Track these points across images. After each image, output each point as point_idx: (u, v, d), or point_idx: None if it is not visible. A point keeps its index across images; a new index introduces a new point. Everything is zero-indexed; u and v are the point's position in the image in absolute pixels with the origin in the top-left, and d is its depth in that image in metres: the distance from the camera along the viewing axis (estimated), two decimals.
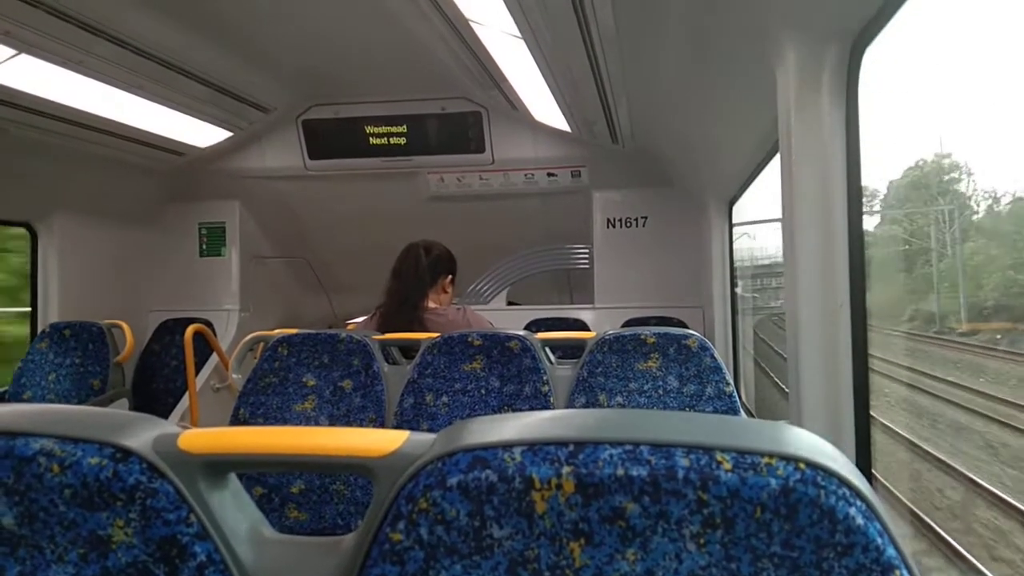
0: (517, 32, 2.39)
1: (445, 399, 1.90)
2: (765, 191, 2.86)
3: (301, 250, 4.88)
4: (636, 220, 4.26)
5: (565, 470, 0.49)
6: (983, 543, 5.22)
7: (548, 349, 2.03)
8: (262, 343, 2.43)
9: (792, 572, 0.47)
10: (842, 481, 0.48)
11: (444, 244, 2.58)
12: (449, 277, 2.54)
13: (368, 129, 3.94)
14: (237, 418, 1.92)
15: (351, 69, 3.45)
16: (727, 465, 0.48)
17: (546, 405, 1.87)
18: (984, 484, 5.94)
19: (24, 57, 2.51)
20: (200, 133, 3.69)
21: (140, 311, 4.24)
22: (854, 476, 0.49)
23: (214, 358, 3.97)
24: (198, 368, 3.77)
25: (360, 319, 2.70)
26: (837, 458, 0.50)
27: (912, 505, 5.73)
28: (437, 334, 1.99)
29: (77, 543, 0.57)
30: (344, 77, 3.57)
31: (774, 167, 2.19)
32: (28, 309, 3.70)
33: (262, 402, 1.92)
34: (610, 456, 0.49)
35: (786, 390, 1.68)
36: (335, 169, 4.10)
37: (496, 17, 2.31)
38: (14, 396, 3.20)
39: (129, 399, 3.47)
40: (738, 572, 0.48)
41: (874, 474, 1.64)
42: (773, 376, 8.88)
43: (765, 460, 0.48)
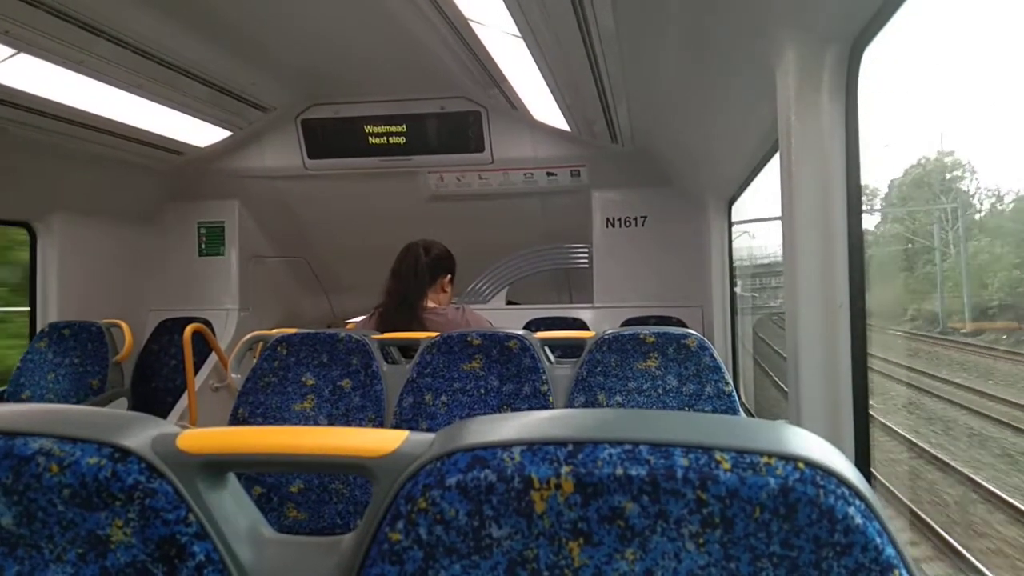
0: (517, 31, 2.39)
1: (444, 398, 1.90)
2: (765, 190, 2.86)
3: (300, 250, 4.88)
4: (635, 219, 4.27)
5: (564, 470, 0.49)
6: (1011, 564, 4.91)
7: (547, 348, 2.03)
8: (261, 342, 2.43)
9: (791, 571, 0.47)
10: (841, 480, 0.48)
11: (443, 243, 2.58)
12: (448, 276, 2.54)
13: (367, 129, 3.93)
14: (236, 417, 1.92)
15: (350, 69, 3.45)
16: (726, 465, 0.48)
17: (545, 404, 1.87)
18: (1005, 497, 5.63)
19: (24, 56, 2.51)
20: (199, 132, 3.69)
21: (139, 310, 4.24)
22: (853, 475, 0.49)
23: (213, 357, 3.97)
24: (197, 367, 3.77)
25: (359, 318, 2.70)
26: (836, 458, 0.50)
27: (938, 526, 5.36)
28: (436, 333, 1.99)
29: (76, 543, 0.57)
30: (343, 77, 3.57)
31: (773, 166, 2.19)
32: (27, 308, 3.70)
33: (261, 401, 1.92)
34: (609, 456, 0.49)
35: (785, 389, 1.68)
36: (334, 169, 4.10)
37: (496, 16, 2.31)
38: (13, 396, 3.20)
39: (128, 399, 3.47)
40: (737, 572, 0.48)
41: (874, 474, 1.64)
42: (773, 375, 8.84)
43: (764, 460, 0.48)
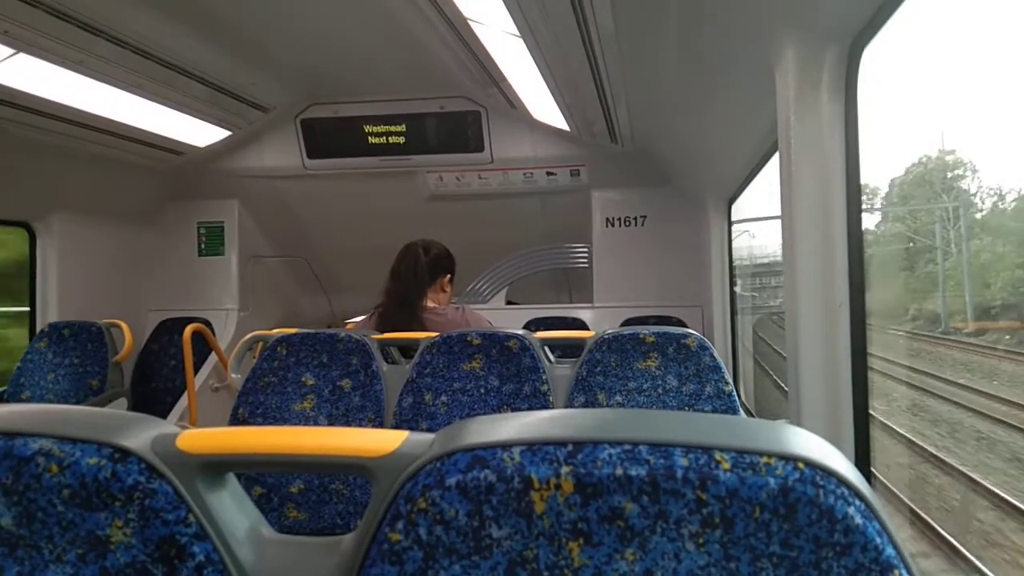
0: (516, 31, 2.39)
1: (444, 398, 1.90)
2: (766, 188, 2.86)
3: (300, 249, 4.88)
4: (635, 219, 4.27)
5: (564, 470, 0.49)
6: None
7: (547, 348, 2.03)
8: (261, 342, 2.43)
9: (791, 572, 0.47)
10: (841, 480, 0.48)
11: (443, 243, 2.58)
12: (448, 276, 2.54)
13: (367, 128, 3.93)
14: (236, 418, 1.92)
15: (350, 68, 3.45)
16: (726, 465, 0.48)
17: (545, 404, 1.87)
18: (1018, 504, 5.34)
19: (23, 56, 2.50)
20: (199, 132, 3.69)
21: (139, 310, 4.24)
22: (853, 475, 0.49)
23: (213, 358, 3.97)
24: (197, 368, 3.77)
25: (359, 318, 2.70)
26: (836, 457, 0.50)
27: (949, 534, 5.03)
28: (436, 333, 1.99)
29: (76, 543, 0.57)
30: (343, 76, 3.57)
31: (773, 166, 2.19)
32: (27, 309, 3.70)
33: (261, 402, 1.92)
34: (609, 456, 0.49)
35: (786, 389, 1.68)
36: (334, 168, 4.10)
37: (495, 16, 2.31)
38: (13, 396, 3.20)
39: (128, 399, 3.47)
40: (737, 572, 0.48)
41: (875, 474, 1.65)
42: (773, 375, 8.79)
43: (764, 460, 0.48)
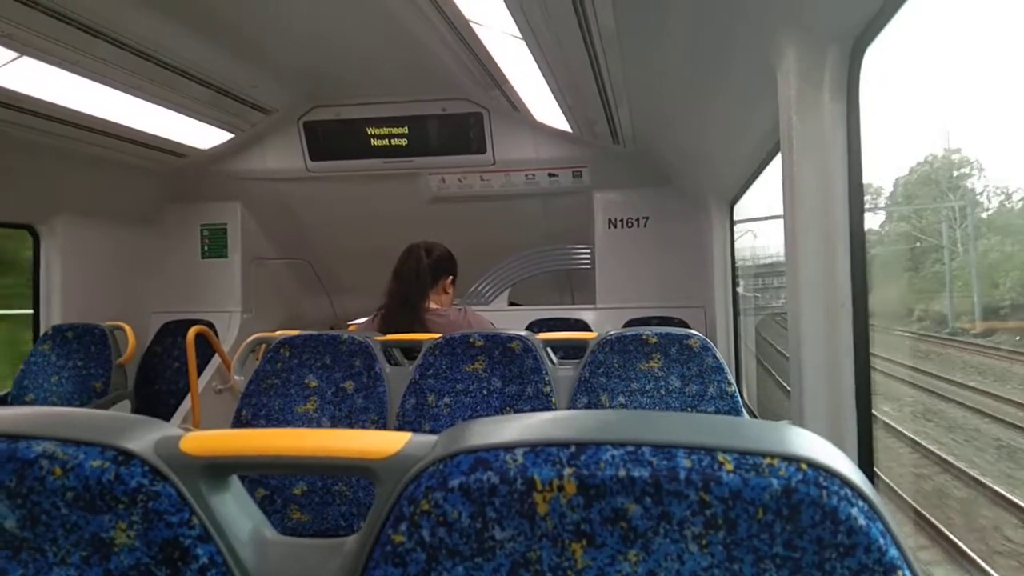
0: (518, 33, 2.39)
1: (447, 400, 1.90)
2: (768, 188, 2.85)
3: (303, 251, 4.89)
4: (637, 220, 4.26)
5: (567, 471, 0.49)
6: None
7: (550, 349, 2.03)
8: (264, 344, 2.43)
9: (794, 573, 0.47)
10: (844, 482, 0.48)
11: (445, 245, 2.58)
12: (450, 278, 2.54)
13: (369, 130, 3.94)
14: (239, 419, 1.92)
15: (352, 71, 3.46)
16: (729, 466, 0.48)
17: (548, 406, 1.87)
18: None
19: (25, 60, 2.51)
20: (201, 135, 3.69)
21: (142, 313, 4.25)
22: (856, 476, 0.49)
23: (216, 360, 3.98)
24: (200, 370, 3.77)
25: (361, 320, 2.70)
26: (839, 458, 0.50)
27: (978, 556, 4.72)
28: (439, 335, 1.99)
29: (79, 546, 0.57)
30: (345, 78, 3.57)
31: (775, 167, 2.19)
32: (31, 311, 3.71)
33: (264, 403, 1.92)
34: (612, 457, 0.49)
35: (788, 389, 1.68)
36: (336, 170, 4.11)
37: (497, 18, 2.31)
38: (16, 398, 3.20)
39: (131, 401, 3.48)
40: (740, 573, 0.48)
41: (877, 473, 1.64)
42: (776, 376, 8.73)
43: (767, 461, 0.48)
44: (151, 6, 2.52)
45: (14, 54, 2.46)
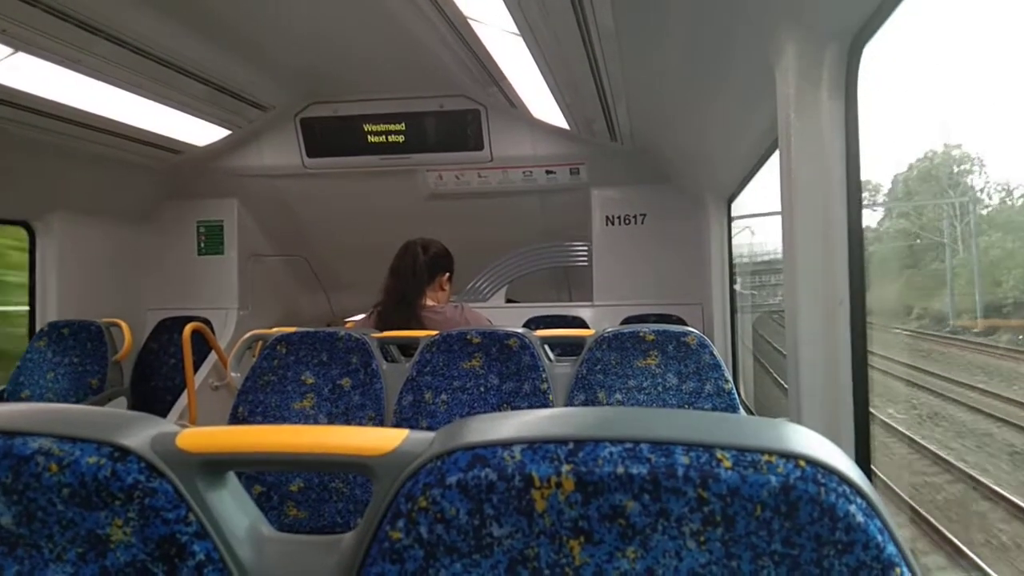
0: (515, 30, 2.39)
1: (444, 397, 1.90)
2: (766, 185, 2.85)
3: (299, 248, 4.88)
4: (635, 217, 4.26)
5: (565, 468, 0.49)
6: None
7: (547, 347, 2.03)
8: (261, 341, 2.43)
9: (792, 570, 0.47)
10: (842, 478, 0.48)
11: (443, 242, 2.58)
12: (446, 275, 2.54)
13: (367, 127, 3.93)
14: (236, 416, 1.92)
15: (349, 67, 3.45)
16: (727, 463, 0.48)
17: (545, 403, 1.87)
18: None
19: (22, 55, 2.50)
20: (198, 131, 3.68)
21: (138, 309, 4.24)
22: (854, 473, 0.49)
23: (212, 356, 3.97)
24: (196, 366, 3.77)
25: (358, 317, 2.70)
26: (837, 455, 0.50)
27: None
28: (436, 332, 1.99)
29: (76, 542, 0.57)
30: (342, 75, 3.56)
31: (773, 164, 2.18)
32: (27, 308, 3.70)
33: (261, 400, 1.92)
34: (610, 454, 0.49)
35: (785, 386, 1.68)
36: (334, 167, 4.10)
37: (495, 15, 2.30)
38: (12, 395, 3.20)
39: (127, 398, 3.47)
40: (738, 570, 0.48)
41: (874, 470, 1.65)
42: (773, 373, 8.69)
43: (765, 458, 0.48)
44: (150, 4, 2.51)
45: (10, 50, 2.45)
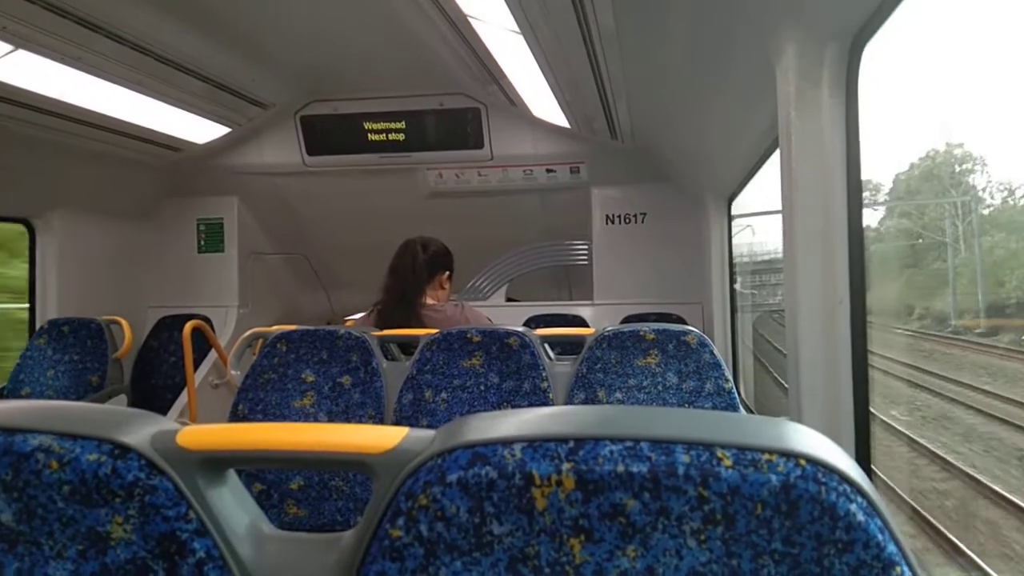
0: (516, 28, 2.39)
1: (444, 395, 1.90)
2: (766, 185, 2.85)
3: (299, 246, 4.88)
4: (635, 216, 4.26)
5: (565, 466, 0.49)
6: None
7: (547, 345, 2.03)
8: (261, 339, 2.42)
9: (793, 569, 0.47)
10: (843, 477, 0.48)
11: (443, 240, 2.58)
12: (446, 273, 2.54)
13: (367, 125, 3.93)
14: (236, 414, 1.92)
15: (350, 65, 3.45)
16: (727, 461, 0.48)
17: (545, 401, 1.87)
18: None
19: (21, 53, 2.50)
20: (198, 129, 3.68)
21: (138, 307, 4.24)
22: (855, 472, 0.49)
23: (213, 354, 3.97)
24: (197, 364, 3.77)
25: (358, 315, 2.70)
26: (837, 454, 0.50)
27: None
28: (436, 330, 1.99)
29: (76, 540, 0.57)
30: (343, 73, 3.56)
31: (774, 163, 2.18)
32: (27, 306, 3.70)
33: (261, 398, 1.92)
34: (610, 452, 0.49)
35: (786, 386, 1.69)
36: (334, 165, 4.10)
37: (495, 13, 2.30)
38: (12, 392, 3.20)
39: (127, 395, 3.47)
40: (739, 569, 0.48)
41: (874, 470, 1.65)
42: (773, 372, 8.65)
43: (765, 456, 0.48)
44: (149, 1, 2.51)
45: (10, 47, 2.45)
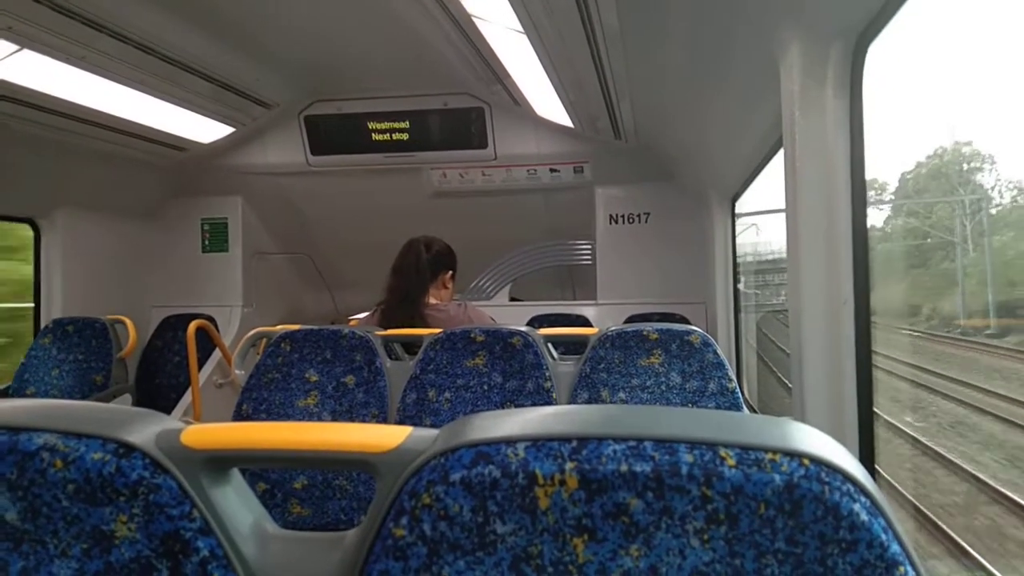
0: (520, 28, 2.38)
1: (448, 395, 1.90)
2: (772, 183, 2.85)
3: (303, 246, 4.89)
4: (639, 216, 4.26)
5: (568, 466, 0.49)
6: None
7: (550, 345, 2.03)
8: (265, 339, 2.43)
9: (796, 568, 0.47)
10: (846, 477, 0.48)
11: (446, 240, 2.58)
12: (449, 273, 2.54)
13: (371, 125, 3.93)
14: (240, 414, 1.93)
15: (353, 65, 3.45)
16: (731, 461, 0.48)
17: (548, 401, 1.87)
18: None
19: (27, 53, 2.51)
20: (202, 129, 3.69)
21: (143, 307, 4.25)
22: (858, 472, 0.48)
23: (217, 354, 3.98)
24: (201, 364, 3.78)
25: (362, 315, 2.70)
26: (841, 454, 0.50)
27: None
28: (439, 330, 1.99)
29: (80, 538, 0.57)
30: (346, 73, 3.57)
31: (778, 162, 2.18)
32: (31, 305, 3.71)
33: (265, 398, 1.92)
34: (614, 452, 0.49)
35: (789, 386, 1.68)
36: (337, 165, 4.10)
37: (499, 12, 2.30)
38: (17, 392, 3.21)
39: (132, 395, 3.48)
40: (742, 568, 0.48)
41: (878, 470, 1.64)
42: (777, 372, 8.60)
43: (769, 456, 0.48)
44: (155, 1, 2.52)
45: (15, 47, 2.46)
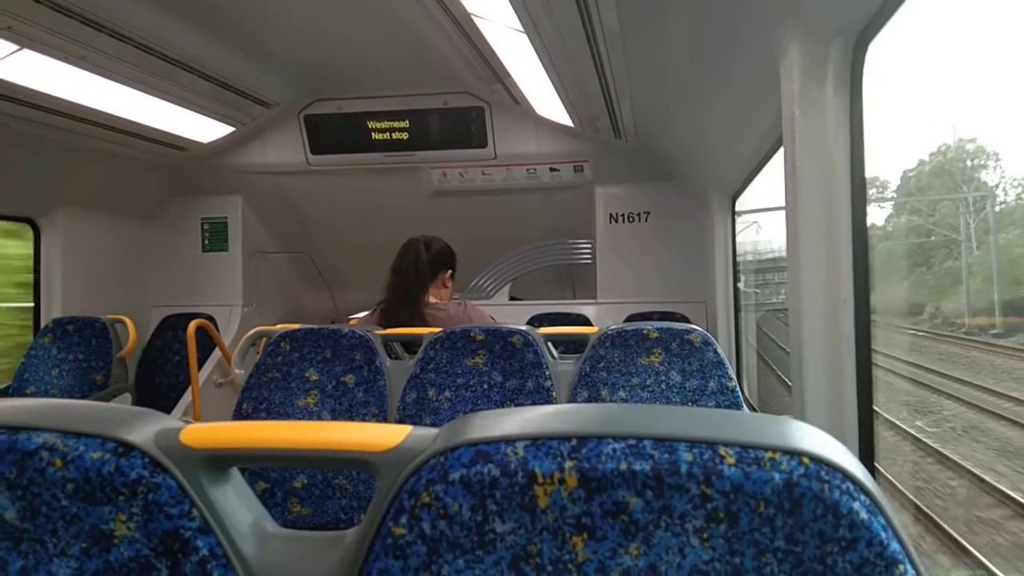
0: (520, 27, 2.38)
1: (448, 394, 1.90)
2: (772, 182, 2.84)
3: (303, 245, 4.89)
4: (639, 215, 4.26)
5: (568, 464, 0.49)
6: None
7: (550, 344, 2.03)
8: (265, 338, 2.43)
9: (796, 567, 0.47)
10: (846, 475, 0.48)
11: (446, 239, 2.58)
12: (449, 272, 2.54)
13: (370, 124, 3.93)
14: (240, 413, 1.93)
15: (353, 64, 3.45)
16: (730, 459, 0.48)
17: (548, 400, 1.87)
18: None
19: (26, 52, 2.51)
20: (202, 128, 3.69)
21: (142, 306, 4.25)
22: (858, 470, 0.48)
23: (217, 353, 3.98)
24: (201, 363, 3.78)
25: (362, 314, 2.70)
26: (841, 452, 0.50)
27: None
28: (439, 329, 1.99)
29: (79, 537, 0.57)
30: (346, 72, 3.57)
31: (778, 161, 2.18)
32: (31, 304, 3.71)
33: (265, 397, 1.93)
34: (613, 451, 0.49)
35: (789, 384, 1.68)
36: (337, 164, 4.10)
37: (499, 11, 2.30)
38: (17, 391, 3.21)
39: (132, 394, 3.48)
40: (741, 567, 0.48)
41: (877, 467, 1.64)
42: (777, 371, 8.59)
43: (769, 454, 0.48)
44: (154, 0, 2.52)
45: (15, 47, 2.46)
